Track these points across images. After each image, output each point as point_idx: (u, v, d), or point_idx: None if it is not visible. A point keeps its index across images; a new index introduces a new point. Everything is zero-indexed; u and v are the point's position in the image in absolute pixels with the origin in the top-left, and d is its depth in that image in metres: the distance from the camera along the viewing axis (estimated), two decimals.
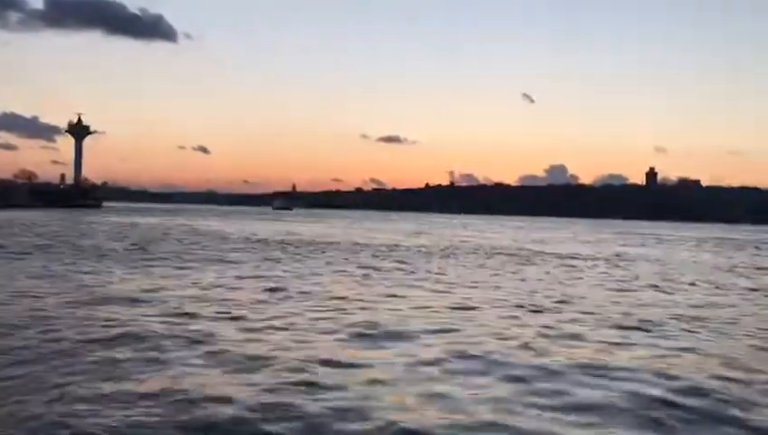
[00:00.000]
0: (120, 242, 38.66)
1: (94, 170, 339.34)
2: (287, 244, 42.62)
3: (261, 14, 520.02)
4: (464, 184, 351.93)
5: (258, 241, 44.91)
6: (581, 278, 25.93)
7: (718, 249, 56.49)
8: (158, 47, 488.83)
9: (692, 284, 25.27)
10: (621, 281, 25.34)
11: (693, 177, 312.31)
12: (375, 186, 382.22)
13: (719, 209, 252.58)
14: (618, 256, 41.82)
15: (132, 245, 36.66)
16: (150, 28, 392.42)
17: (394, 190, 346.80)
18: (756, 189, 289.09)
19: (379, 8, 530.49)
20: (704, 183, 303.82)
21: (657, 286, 23.60)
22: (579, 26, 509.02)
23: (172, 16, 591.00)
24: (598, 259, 37.68)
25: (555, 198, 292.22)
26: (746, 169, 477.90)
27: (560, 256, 38.64)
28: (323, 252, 35.78)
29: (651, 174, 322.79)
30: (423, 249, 41.41)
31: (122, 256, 28.73)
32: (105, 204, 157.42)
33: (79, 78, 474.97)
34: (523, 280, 24.28)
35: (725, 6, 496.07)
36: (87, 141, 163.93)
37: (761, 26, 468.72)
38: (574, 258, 37.63)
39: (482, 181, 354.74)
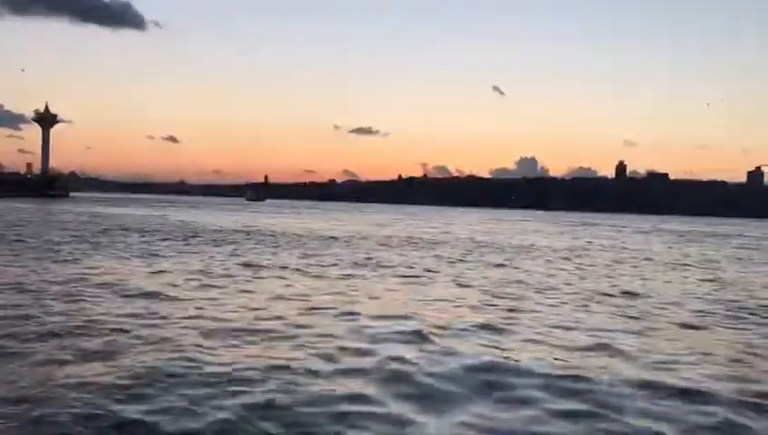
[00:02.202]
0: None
1: (62, 160, 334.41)
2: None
3: (231, 3, 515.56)
4: (437, 176, 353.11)
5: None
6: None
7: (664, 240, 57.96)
8: (127, 35, 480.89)
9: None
10: None
11: (661, 170, 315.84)
12: (348, 177, 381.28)
13: (686, 202, 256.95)
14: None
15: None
16: (118, 16, 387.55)
17: (367, 182, 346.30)
18: (723, 183, 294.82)
19: (352, 1, 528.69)
20: (671, 176, 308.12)
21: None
22: (548, 20, 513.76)
23: (140, 4, 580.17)
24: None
25: (527, 190, 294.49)
26: (714, 163, 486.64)
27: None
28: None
29: (621, 167, 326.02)
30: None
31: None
32: (72, 194, 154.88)
33: (46, 66, 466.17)
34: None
35: (697, 3, 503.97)
36: (54, 130, 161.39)
37: (731, 23, 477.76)
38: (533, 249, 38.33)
39: (454, 173, 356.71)
